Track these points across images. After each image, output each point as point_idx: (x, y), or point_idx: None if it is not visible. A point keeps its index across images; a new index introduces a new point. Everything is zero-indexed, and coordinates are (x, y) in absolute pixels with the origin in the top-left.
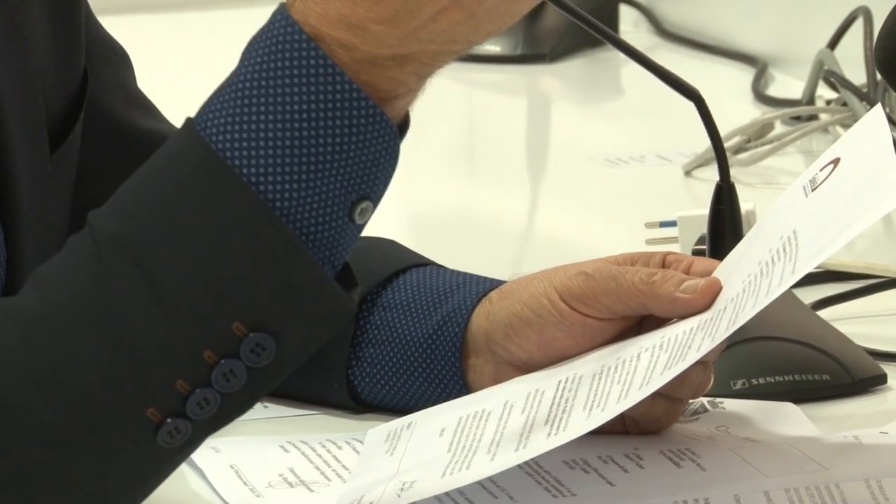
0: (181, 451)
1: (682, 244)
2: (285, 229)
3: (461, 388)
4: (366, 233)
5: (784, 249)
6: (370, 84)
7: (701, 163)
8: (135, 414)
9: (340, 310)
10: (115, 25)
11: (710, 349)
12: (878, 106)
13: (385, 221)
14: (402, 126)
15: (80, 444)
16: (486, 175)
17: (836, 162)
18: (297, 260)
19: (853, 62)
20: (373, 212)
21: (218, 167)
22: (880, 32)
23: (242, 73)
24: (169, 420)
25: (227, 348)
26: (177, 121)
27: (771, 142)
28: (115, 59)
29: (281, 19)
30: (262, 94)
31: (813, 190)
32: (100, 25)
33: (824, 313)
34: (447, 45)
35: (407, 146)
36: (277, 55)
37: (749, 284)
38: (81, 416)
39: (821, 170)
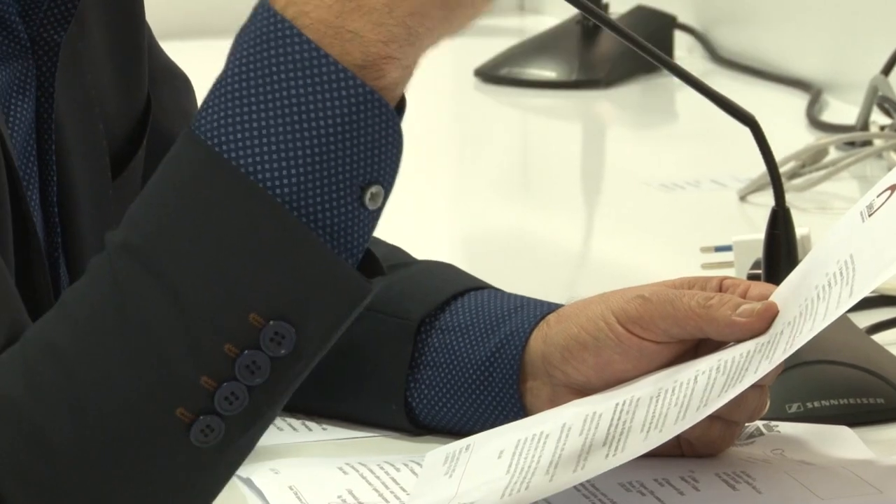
0: (220, 451)
1: (737, 268)
2: (288, 216)
3: (518, 410)
4: (422, 256)
5: (841, 274)
6: (359, 33)
7: (755, 188)
8: (165, 417)
9: (356, 293)
10: (177, 51)
11: (767, 371)
12: None
13: (440, 245)
14: (399, 109)
15: (119, 459)
16: (542, 199)
17: (893, 188)
18: (302, 246)
19: None
20: (385, 197)
21: (214, 161)
22: None
23: (231, 69)
24: (200, 418)
25: (247, 340)
26: None
27: (825, 167)
28: (178, 85)
29: (263, 11)
30: (252, 86)
31: (870, 215)
32: (162, 51)
33: (879, 337)
34: None
35: (463, 170)
36: (263, 46)
37: (806, 308)
38: (114, 430)
39: (878, 196)
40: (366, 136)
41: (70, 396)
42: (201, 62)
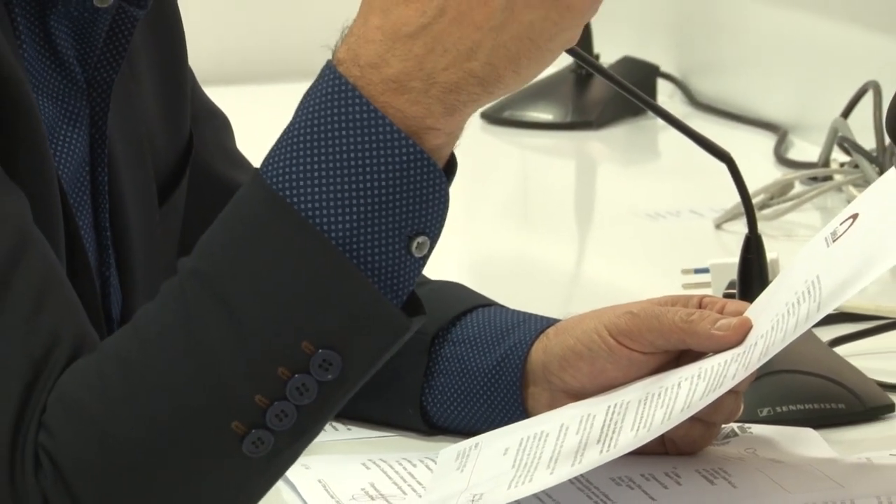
0: (268, 461)
1: (714, 288)
2: (340, 256)
3: (521, 413)
4: (435, 277)
5: (809, 292)
6: (399, 109)
7: (729, 217)
8: (221, 428)
9: (397, 329)
10: (218, 94)
11: (743, 377)
12: (893, 168)
13: (450, 267)
14: (449, 169)
15: (178, 464)
16: (540, 227)
17: (854, 217)
18: (352, 284)
19: (864, 129)
20: (431, 246)
21: (277, 204)
22: (891, 104)
23: (298, 123)
24: (252, 431)
25: (299, 365)
26: None
27: (791, 199)
28: (217, 123)
29: (329, 73)
30: (315, 139)
31: (834, 241)
32: (203, 93)
33: (840, 350)
34: (463, 63)
35: (471, 202)
36: (328, 104)
37: (777, 322)
38: (175, 437)
39: (841, 224)
40: (414, 191)
41: (136, 405)
42: (238, 104)
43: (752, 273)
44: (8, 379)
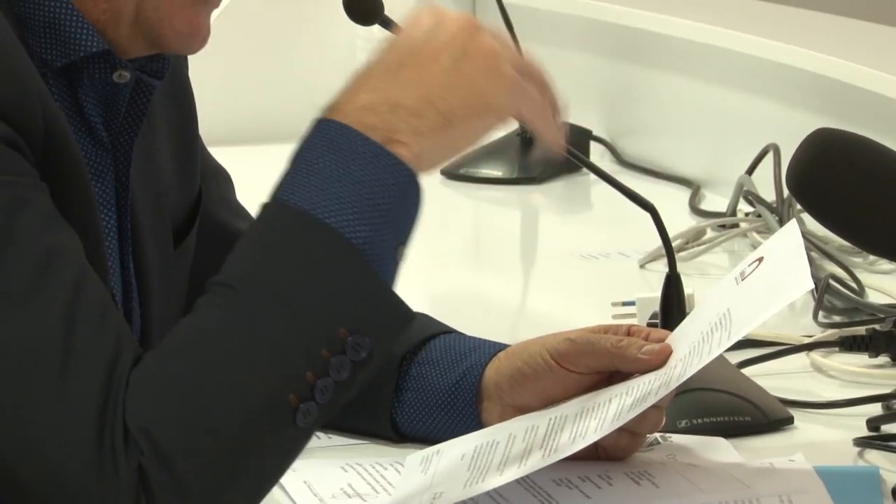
0: (309, 431)
1: (639, 319)
2: (362, 258)
3: (476, 424)
4: None
5: (721, 323)
6: (372, 126)
7: (652, 258)
8: (280, 399)
9: (407, 316)
10: (221, 153)
11: (665, 394)
12: (794, 220)
13: (415, 301)
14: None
15: (245, 431)
16: (491, 267)
17: (760, 260)
18: (373, 281)
19: (766, 185)
20: (404, 255)
21: (305, 217)
22: (790, 163)
23: (300, 159)
24: (302, 404)
25: (337, 347)
26: None
27: (704, 244)
28: (221, 180)
29: (318, 122)
30: (319, 166)
31: (742, 280)
32: (209, 154)
33: (747, 371)
34: (422, 94)
35: (432, 245)
36: (319, 139)
37: (694, 348)
38: (246, 406)
39: (749, 265)
40: (408, 205)
41: (210, 379)
42: (239, 163)
43: (672, 306)
44: (90, 372)
